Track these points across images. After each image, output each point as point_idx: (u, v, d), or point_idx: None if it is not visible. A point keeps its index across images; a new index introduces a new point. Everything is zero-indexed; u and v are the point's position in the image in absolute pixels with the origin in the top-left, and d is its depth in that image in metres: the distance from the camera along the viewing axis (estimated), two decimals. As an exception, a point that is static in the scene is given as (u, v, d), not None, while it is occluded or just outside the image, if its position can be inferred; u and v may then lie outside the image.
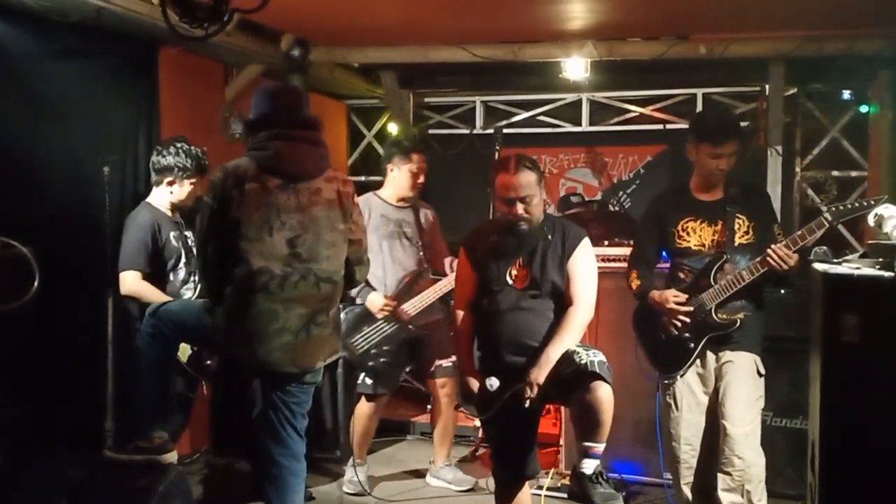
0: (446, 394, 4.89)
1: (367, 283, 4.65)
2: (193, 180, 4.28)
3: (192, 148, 4.30)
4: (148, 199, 4.34)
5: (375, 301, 4.67)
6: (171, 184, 4.26)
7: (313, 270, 3.35)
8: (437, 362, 4.86)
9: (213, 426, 5.24)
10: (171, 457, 3.56)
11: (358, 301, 4.71)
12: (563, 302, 3.43)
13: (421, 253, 4.88)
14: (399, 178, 4.85)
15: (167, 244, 4.23)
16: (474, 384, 3.47)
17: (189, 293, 4.27)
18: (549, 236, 3.46)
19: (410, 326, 4.72)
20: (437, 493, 4.94)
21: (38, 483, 3.35)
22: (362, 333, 4.69)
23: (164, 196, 4.29)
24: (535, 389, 3.25)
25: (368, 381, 4.76)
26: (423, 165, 4.90)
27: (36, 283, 3.82)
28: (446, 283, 4.70)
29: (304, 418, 3.55)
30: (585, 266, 3.46)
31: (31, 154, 4.18)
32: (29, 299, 3.80)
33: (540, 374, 3.27)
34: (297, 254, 3.31)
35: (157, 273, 4.21)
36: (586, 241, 3.49)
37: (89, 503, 3.25)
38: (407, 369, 5.01)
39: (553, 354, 3.30)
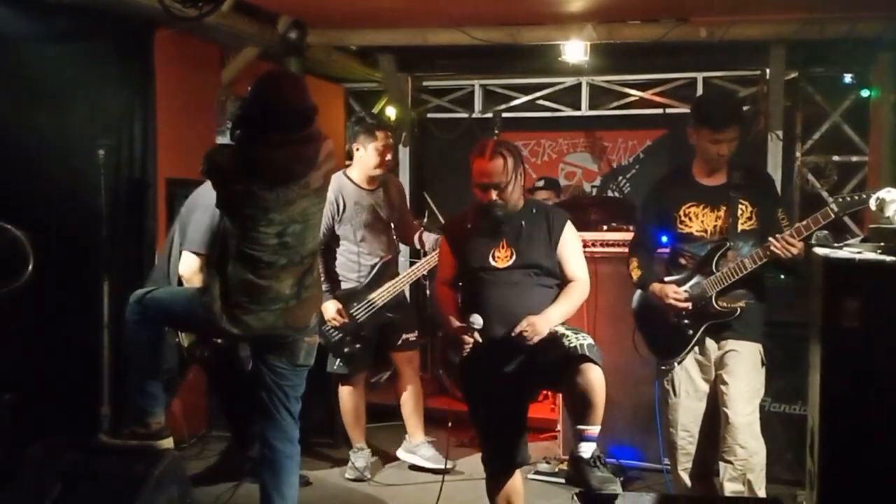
0: (413, 368, 4.92)
1: (332, 280, 4.63)
2: None
3: None
4: None
5: (329, 310, 4.55)
6: None
7: (299, 252, 3.39)
8: (404, 336, 4.84)
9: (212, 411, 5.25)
10: (167, 442, 3.54)
11: None
12: (551, 280, 3.42)
13: (394, 232, 4.85)
14: (366, 158, 4.72)
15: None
16: (454, 322, 3.38)
17: None
18: (533, 216, 3.45)
19: (387, 313, 4.72)
20: (436, 477, 4.91)
21: (32, 469, 3.33)
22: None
23: None
24: (532, 329, 3.20)
25: (341, 363, 4.71)
26: (390, 142, 4.80)
27: (30, 267, 3.81)
28: (418, 270, 4.78)
29: (298, 402, 3.56)
30: (575, 246, 3.49)
31: (26, 138, 4.15)
32: (24, 283, 3.79)
33: (539, 322, 3.23)
34: (285, 243, 3.33)
35: None
36: (570, 223, 3.51)
37: (84, 489, 3.23)
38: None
39: (553, 315, 3.29)
